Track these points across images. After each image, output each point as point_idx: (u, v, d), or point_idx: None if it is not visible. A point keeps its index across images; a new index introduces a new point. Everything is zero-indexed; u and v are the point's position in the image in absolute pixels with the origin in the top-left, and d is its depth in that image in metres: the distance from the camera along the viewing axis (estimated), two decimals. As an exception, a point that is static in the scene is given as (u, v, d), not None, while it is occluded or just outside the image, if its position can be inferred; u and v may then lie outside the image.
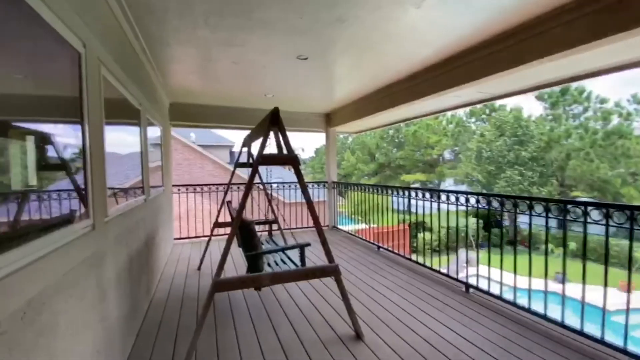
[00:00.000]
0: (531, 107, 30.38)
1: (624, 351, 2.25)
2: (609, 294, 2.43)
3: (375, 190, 5.64)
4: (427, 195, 4.24)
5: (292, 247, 2.78)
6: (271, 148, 2.93)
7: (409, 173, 26.69)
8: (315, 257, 4.97)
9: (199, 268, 4.48)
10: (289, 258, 3.21)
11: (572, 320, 2.62)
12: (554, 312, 2.79)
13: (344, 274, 4.19)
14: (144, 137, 3.32)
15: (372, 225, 6.05)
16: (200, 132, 18.17)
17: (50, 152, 1.51)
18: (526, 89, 4.15)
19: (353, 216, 7.06)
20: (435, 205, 4.09)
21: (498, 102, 23.53)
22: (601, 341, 2.35)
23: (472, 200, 3.58)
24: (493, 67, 3.27)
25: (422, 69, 4.14)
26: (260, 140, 2.60)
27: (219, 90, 5.23)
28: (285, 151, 2.46)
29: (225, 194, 4.57)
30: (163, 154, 4.91)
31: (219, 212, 4.53)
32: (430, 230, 4.76)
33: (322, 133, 7.63)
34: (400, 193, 4.85)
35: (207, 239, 4.78)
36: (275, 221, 4.36)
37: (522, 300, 3.05)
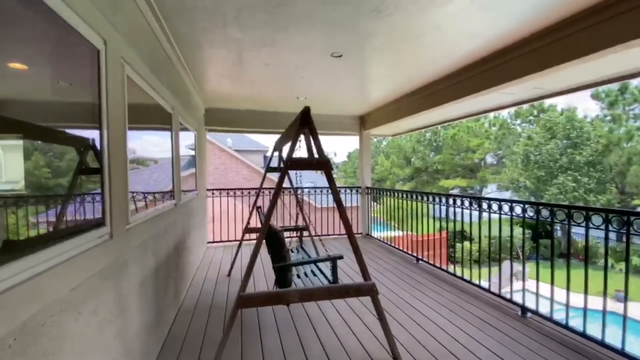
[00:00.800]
0: (586, 107, 27.76)
1: None
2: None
3: (412, 197, 5.26)
4: (460, 202, 3.91)
5: (323, 260, 2.54)
6: (302, 152, 2.74)
7: (447, 178, 25.39)
8: (348, 267, 4.68)
9: (229, 274, 4.40)
10: (320, 270, 2.98)
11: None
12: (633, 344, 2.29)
13: (379, 288, 3.88)
14: (175, 141, 3.28)
15: (408, 233, 5.66)
16: (236, 137, 18.66)
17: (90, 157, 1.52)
18: (594, 83, 3.60)
19: (388, 222, 6.67)
20: (477, 212, 3.72)
21: (547, 103, 21.69)
22: None
23: (530, 211, 3.14)
24: (559, 56, 2.80)
25: (468, 64, 3.74)
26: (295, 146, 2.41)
27: (251, 94, 5.18)
28: (316, 154, 2.24)
29: (256, 199, 4.46)
30: (197, 158, 4.93)
31: (249, 217, 4.43)
32: (478, 240, 4.28)
33: (356, 136, 7.36)
34: (436, 200, 4.52)
35: (238, 243, 4.70)
36: (307, 228, 4.16)
37: (592, 328, 2.56)
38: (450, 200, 4.25)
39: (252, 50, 3.32)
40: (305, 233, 4.25)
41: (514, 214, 3.26)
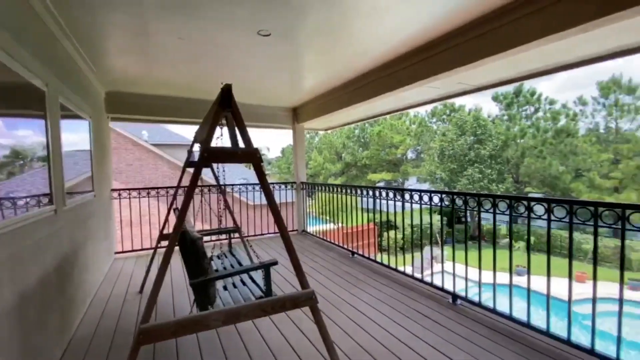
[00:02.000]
0: (489, 107, 31.94)
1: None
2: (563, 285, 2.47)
3: (343, 190, 5.28)
4: (391, 194, 4.05)
5: (254, 269, 2.17)
6: (226, 142, 2.31)
7: (374, 172, 26.80)
8: (285, 268, 4.35)
9: (141, 290, 3.68)
10: (252, 279, 2.59)
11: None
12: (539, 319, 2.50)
13: (318, 289, 3.65)
14: (53, 129, 2.52)
15: (340, 225, 5.64)
16: (154, 129, 16.66)
17: None
18: (510, 80, 3.88)
19: (321, 216, 6.57)
20: (400, 203, 3.90)
21: (458, 103, 24.39)
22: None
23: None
24: (485, 50, 2.86)
25: (402, 54, 3.69)
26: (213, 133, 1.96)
27: (165, 77, 4.42)
28: (242, 144, 1.84)
29: (174, 199, 3.81)
30: (95, 151, 4.02)
31: (165, 221, 3.76)
32: (402, 229, 4.58)
33: (289, 130, 7.01)
34: (369, 193, 4.53)
35: (152, 252, 3.97)
36: (236, 229, 3.68)
37: (515, 307, 2.72)
38: (383, 193, 4.24)
39: (160, 18, 2.71)
40: (235, 235, 3.78)
41: (433, 203, 3.35)
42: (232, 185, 6.32)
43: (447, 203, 3.31)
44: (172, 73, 4.26)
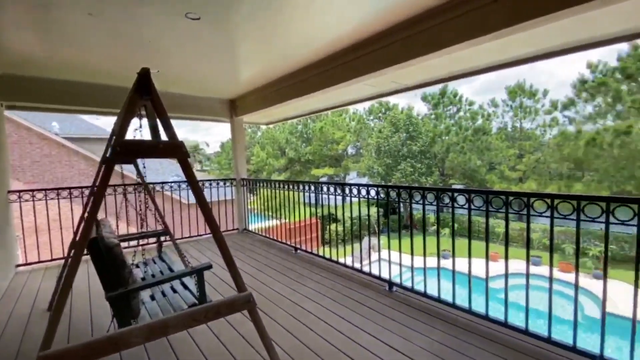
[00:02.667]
0: (419, 107, 34.55)
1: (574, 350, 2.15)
2: (480, 265, 2.82)
3: (286, 186, 5.24)
4: (332, 189, 4.14)
5: (185, 274, 1.99)
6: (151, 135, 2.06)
7: (317, 167, 27.18)
8: (224, 270, 4.13)
9: (50, 308, 3.17)
10: (184, 285, 2.38)
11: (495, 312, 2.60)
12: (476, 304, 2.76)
13: (260, 288, 3.54)
14: None
15: (284, 221, 5.58)
16: (68, 121, 14.52)
17: None
18: (438, 80, 4.18)
19: (264, 213, 6.41)
20: (341, 197, 4.00)
21: (392, 102, 25.92)
22: (551, 341, 2.22)
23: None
24: (412, 51, 3.04)
25: (338, 50, 3.72)
26: (133, 124, 1.72)
27: (76, 59, 3.82)
28: (165, 137, 1.65)
29: (89, 200, 3.34)
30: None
31: (79, 226, 3.27)
32: (343, 221, 4.82)
33: (227, 123, 6.66)
34: (312, 188, 4.57)
35: (63, 263, 3.43)
36: (166, 232, 3.36)
37: (444, 288, 2.96)
38: (325, 188, 4.28)
39: (63, -12, 2.31)
40: (167, 238, 3.44)
41: (371, 197, 3.47)
42: (163, 183, 5.80)
43: (382, 196, 3.46)
44: (85, 55, 3.70)
